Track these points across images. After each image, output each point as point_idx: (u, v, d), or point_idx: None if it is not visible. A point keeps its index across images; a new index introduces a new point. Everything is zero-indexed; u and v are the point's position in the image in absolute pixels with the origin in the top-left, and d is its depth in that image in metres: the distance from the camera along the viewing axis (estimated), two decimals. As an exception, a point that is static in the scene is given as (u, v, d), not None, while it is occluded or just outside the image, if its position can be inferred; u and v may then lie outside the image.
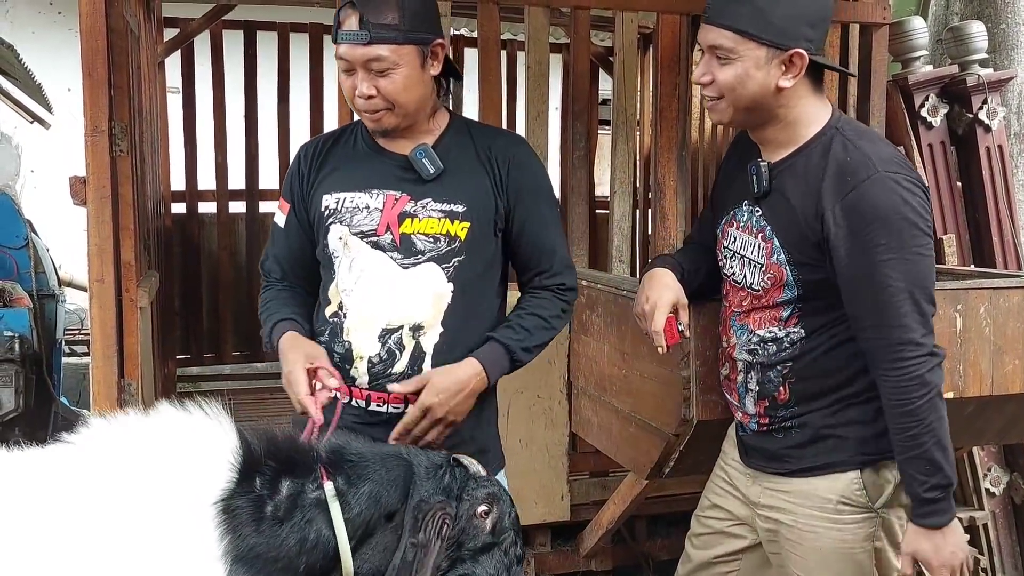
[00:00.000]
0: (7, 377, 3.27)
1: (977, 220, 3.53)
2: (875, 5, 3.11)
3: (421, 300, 1.70)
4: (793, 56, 1.66)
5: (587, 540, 2.98)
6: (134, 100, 2.64)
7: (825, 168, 1.66)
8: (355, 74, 1.67)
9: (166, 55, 4.01)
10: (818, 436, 1.75)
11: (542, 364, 2.87)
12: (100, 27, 2.33)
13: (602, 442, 2.69)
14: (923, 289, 1.63)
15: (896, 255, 1.61)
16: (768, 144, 1.78)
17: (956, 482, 1.67)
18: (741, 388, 1.82)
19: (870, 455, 1.73)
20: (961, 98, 3.46)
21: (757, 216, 1.78)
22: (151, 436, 1.33)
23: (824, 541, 1.76)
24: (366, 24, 1.62)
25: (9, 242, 3.75)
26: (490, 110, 2.89)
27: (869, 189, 1.62)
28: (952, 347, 2.21)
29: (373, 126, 1.72)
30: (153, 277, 3.05)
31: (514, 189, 1.76)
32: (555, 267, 1.83)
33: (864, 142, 1.70)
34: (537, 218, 1.79)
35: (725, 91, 1.70)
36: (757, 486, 1.86)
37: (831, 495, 1.74)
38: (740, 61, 1.66)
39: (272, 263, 1.86)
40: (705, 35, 1.71)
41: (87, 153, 2.34)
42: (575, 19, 3.08)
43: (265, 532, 1.30)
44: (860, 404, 1.73)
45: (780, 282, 1.73)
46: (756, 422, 1.82)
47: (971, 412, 2.31)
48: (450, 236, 1.71)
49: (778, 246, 1.72)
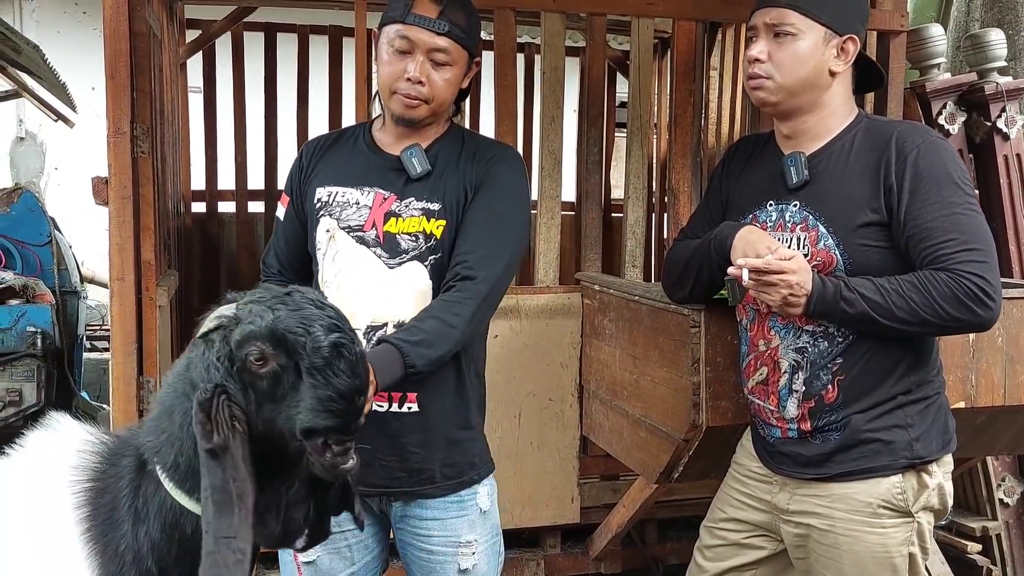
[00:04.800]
0: (29, 372, 3.34)
1: (994, 229, 3.49)
2: (893, 12, 3.10)
3: (405, 298, 1.72)
4: (848, 41, 1.76)
5: (597, 543, 2.99)
6: (156, 102, 2.68)
7: (882, 143, 1.73)
8: (408, 57, 1.70)
9: (188, 56, 4.06)
10: (860, 440, 1.75)
11: (554, 367, 2.89)
12: (123, 30, 2.37)
13: (612, 446, 2.71)
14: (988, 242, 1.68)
15: (963, 207, 1.67)
16: (801, 136, 1.82)
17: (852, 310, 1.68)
18: (784, 390, 1.82)
19: (912, 459, 1.74)
20: (979, 106, 3.44)
21: (793, 209, 1.80)
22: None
23: (861, 546, 1.76)
24: (445, 16, 1.70)
25: (33, 239, 3.81)
26: (506, 115, 2.91)
27: (928, 150, 1.69)
28: (965, 357, 2.21)
29: (403, 111, 1.74)
30: (172, 276, 3.09)
31: (480, 180, 1.76)
32: (469, 258, 1.69)
33: (900, 120, 1.84)
34: (484, 209, 1.73)
35: (780, 68, 1.76)
36: (786, 492, 1.85)
37: (871, 499, 1.75)
38: (800, 38, 1.74)
39: (272, 257, 1.90)
40: (763, 16, 1.78)
41: (109, 154, 2.38)
42: (591, 25, 3.10)
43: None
44: (903, 407, 1.75)
45: (829, 268, 1.74)
46: (796, 428, 1.81)
47: (983, 422, 2.31)
48: (427, 234, 1.73)
49: (824, 232, 1.75)
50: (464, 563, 1.77)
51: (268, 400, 1.21)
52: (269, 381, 1.20)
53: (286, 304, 1.23)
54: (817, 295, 1.66)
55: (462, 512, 1.78)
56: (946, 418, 1.81)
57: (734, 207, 1.93)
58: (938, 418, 1.79)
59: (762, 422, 1.89)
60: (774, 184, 1.83)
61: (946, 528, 3.21)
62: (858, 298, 1.65)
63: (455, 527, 1.77)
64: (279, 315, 1.21)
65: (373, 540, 1.83)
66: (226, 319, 1.23)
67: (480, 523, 1.80)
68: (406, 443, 1.72)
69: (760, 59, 1.77)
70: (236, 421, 1.18)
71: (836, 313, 1.68)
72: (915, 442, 1.74)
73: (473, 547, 1.78)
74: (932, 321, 1.64)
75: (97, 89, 3.80)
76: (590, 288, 2.83)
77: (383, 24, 1.76)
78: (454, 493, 1.78)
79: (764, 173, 1.86)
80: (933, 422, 1.78)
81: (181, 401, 1.24)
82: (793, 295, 1.66)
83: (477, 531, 1.79)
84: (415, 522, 1.78)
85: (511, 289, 2.78)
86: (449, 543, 1.77)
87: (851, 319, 1.68)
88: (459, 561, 1.77)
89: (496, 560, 1.85)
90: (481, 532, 1.80)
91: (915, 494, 1.75)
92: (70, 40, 7.14)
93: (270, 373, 1.20)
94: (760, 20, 1.78)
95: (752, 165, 1.92)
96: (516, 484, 2.87)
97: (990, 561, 3.21)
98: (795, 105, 1.79)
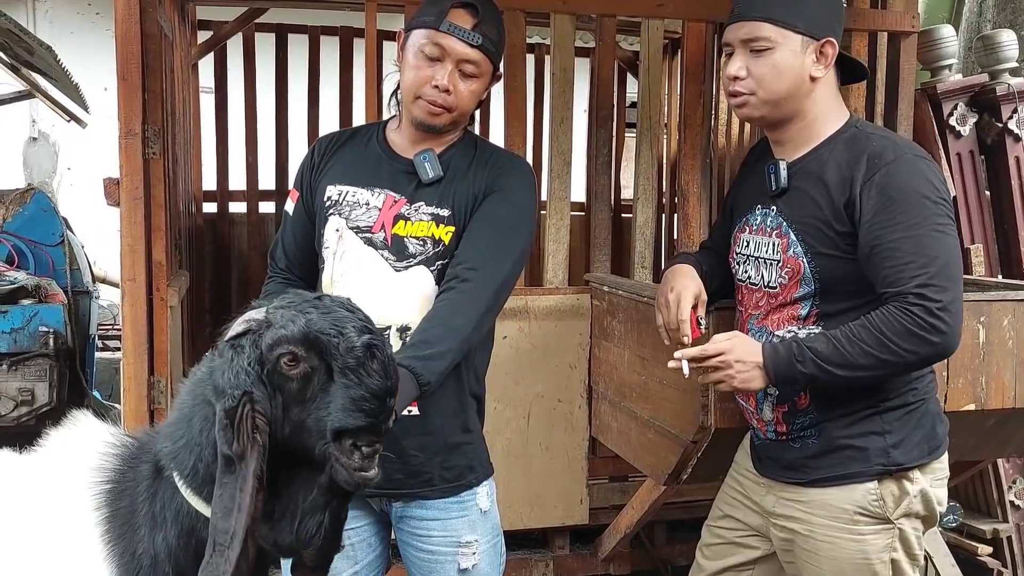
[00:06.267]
0: (41, 371, 3.35)
1: (1006, 231, 3.49)
2: (904, 13, 3.09)
3: (410, 302, 1.73)
4: (825, 45, 1.73)
5: (606, 544, 3.00)
6: (167, 103, 2.70)
7: (854, 158, 1.70)
8: (437, 64, 1.71)
9: (200, 57, 4.08)
10: (835, 446, 1.75)
11: (563, 369, 2.90)
12: (135, 32, 2.39)
13: (621, 447, 2.71)
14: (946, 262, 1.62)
15: (929, 226, 1.63)
16: (787, 144, 1.81)
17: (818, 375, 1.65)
18: (759, 393, 1.83)
19: (888, 466, 1.74)
20: (991, 107, 3.43)
21: (772, 215, 1.80)
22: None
23: (840, 552, 1.76)
24: (479, 29, 1.71)
25: (46, 239, 3.83)
26: (516, 117, 2.91)
27: (897, 168, 1.65)
28: (975, 359, 2.20)
29: (426, 117, 1.74)
30: (183, 276, 3.10)
31: (488, 188, 1.76)
32: (471, 260, 1.69)
33: (888, 133, 1.80)
34: (489, 215, 1.74)
35: (760, 83, 1.74)
36: (772, 495, 1.86)
37: (848, 505, 1.75)
38: (777, 50, 1.71)
39: (279, 251, 1.91)
40: (737, 31, 1.75)
41: (121, 155, 2.40)
42: (601, 26, 3.10)
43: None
44: (879, 414, 1.74)
45: (797, 275, 1.75)
46: (773, 430, 1.82)
47: (993, 424, 2.30)
48: (435, 239, 1.74)
49: (795, 239, 1.75)
50: (464, 563, 1.78)
51: (297, 402, 1.22)
52: (299, 383, 1.21)
53: (317, 308, 1.24)
54: (771, 363, 1.65)
55: (462, 512, 1.78)
56: (934, 423, 1.79)
57: (735, 209, 1.95)
58: (923, 424, 1.76)
59: (748, 423, 1.92)
60: (762, 189, 1.84)
61: (956, 530, 3.20)
62: (811, 357, 1.62)
63: (455, 527, 1.78)
64: (311, 318, 1.22)
65: (376, 539, 1.84)
66: (255, 323, 1.24)
67: (481, 523, 1.80)
68: (405, 446, 1.73)
69: (739, 76, 1.74)
70: (258, 432, 1.18)
71: (796, 376, 1.65)
72: (892, 448, 1.73)
73: (473, 547, 1.78)
74: (892, 360, 1.60)
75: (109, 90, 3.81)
76: (599, 289, 2.83)
77: (412, 28, 1.75)
78: (453, 495, 1.78)
79: (759, 178, 1.87)
80: (916, 428, 1.75)
81: (201, 407, 1.24)
82: (742, 371, 1.66)
83: (478, 531, 1.80)
84: (415, 522, 1.78)
85: (520, 290, 2.79)
86: (449, 543, 1.77)
87: (813, 378, 1.65)
88: (459, 561, 1.78)
89: (497, 560, 1.85)
90: (482, 532, 1.80)
91: (895, 501, 1.74)
92: (83, 41, 7.18)
93: (301, 375, 1.21)
94: (734, 36, 1.75)
95: (753, 170, 1.93)
96: (525, 485, 2.87)
97: (1001, 563, 3.19)
98: (780, 116, 1.78)
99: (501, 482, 1.96)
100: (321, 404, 1.21)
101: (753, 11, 1.72)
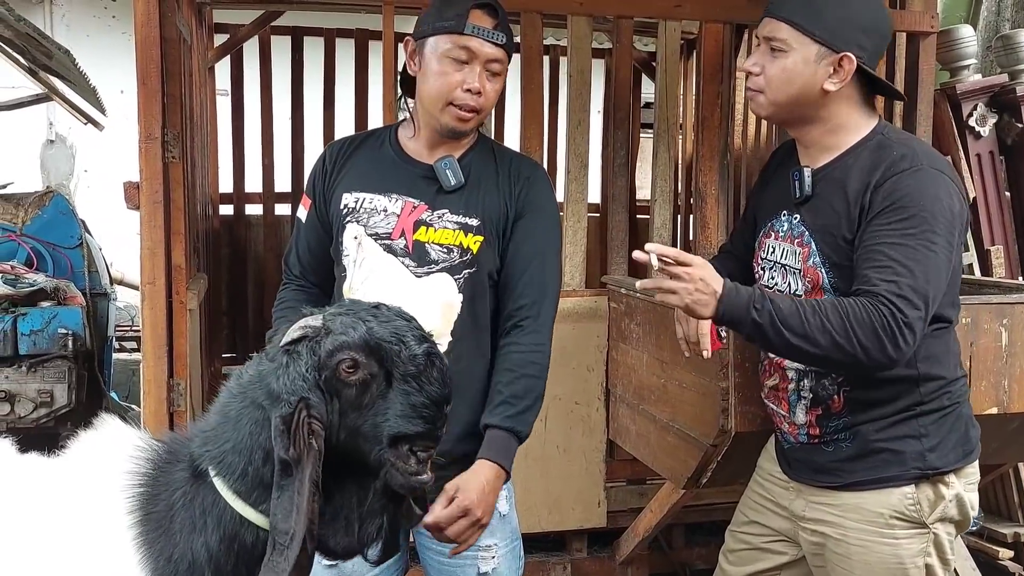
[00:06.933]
0: (60, 373, 3.37)
1: (1026, 231, 3.47)
2: (923, 13, 3.07)
3: (431, 309, 1.72)
4: (842, 59, 1.69)
5: (624, 547, 2.99)
6: (186, 107, 2.71)
7: (874, 165, 1.68)
8: (465, 67, 1.71)
9: (216, 60, 4.09)
10: (870, 449, 1.73)
11: (581, 371, 2.89)
12: (154, 38, 2.39)
13: (640, 450, 2.70)
14: (922, 277, 1.58)
15: (921, 241, 1.59)
16: (811, 147, 1.79)
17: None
18: (792, 396, 1.81)
19: (925, 470, 1.72)
20: (1011, 107, 3.40)
21: (796, 223, 1.78)
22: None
23: (874, 556, 1.74)
24: (500, 27, 1.73)
25: (64, 242, 3.85)
26: (532, 119, 2.91)
27: (909, 178, 1.63)
28: (997, 362, 2.18)
29: (457, 124, 1.73)
30: (202, 279, 3.11)
31: (524, 201, 1.78)
32: (529, 294, 1.75)
33: (911, 141, 1.75)
34: (531, 241, 1.77)
35: (769, 84, 1.73)
36: (802, 499, 1.84)
37: (883, 509, 1.73)
38: (791, 55, 1.70)
39: (293, 258, 1.90)
40: (763, 27, 1.75)
41: (140, 160, 2.41)
42: (618, 27, 3.09)
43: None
44: (914, 417, 1.72)
45: (817, 285, 1.73)
46: (806, 433, 1.80)
47: (1016, 427, 2.28)
48: (463, 248, 1.74)
49: (815, 250, 1.74)
50: (484, 567, 1.77)
51: (354, 408, 1.24)
52: (357, 389, 1.23)
53: (376, 316, 1.27)
54: (727, 298, 1.59)
55: None
56: (967, 427, 1.77)
57: (759, 214, 1.93)
58: (956, 428, 1.75)
59: (777, 427, 1.89)
60: (787, 195, 1.82)
61: (977, 534, 3.18)
62: (769, 310, 1.58)
63: None
64: (371, 326, 1.25)
65: None
66: (312, 330, 1.26)
67: (499, 527, 1.79)
68: None
69: (753, 72, 1.75)
70: (314, 437, 1.20)
71: (744, 321, 1.60)
72: (929, 452, 1.71)
73: (492, 551, 1.78)
74: (843, 347, 1.56)
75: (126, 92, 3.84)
76: (616, 291, 2.82)
77: (431, 34, 1.73)
78: None
79: (783, 182, 1.85)
80: (951, 432, 1.74)
81: (251, 411, 1.25)
82: (699, 291, 1.59)
83: (496, 535, 1.78)
84: None
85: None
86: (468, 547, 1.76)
87: (760, 329, 1.59)
88: (479, 565, 1.77)
89: (516, 564, 1.84)
90: (500, 536, 1.79)
91: (931, 505, 1.72)
92: (99, 44, 7.22)
93: (360, 381, 1.23)
94: (761, 30, 1.76)
95: (778, 174, 1.91)
96: (543, 488, 2.87)
97: (1021, 567, 3.17)
98: (792, 118, 1.77)
99: (519, 485, 1.95)
100: (379, 410, 1.24)
101: (779, 10, 1.72)
